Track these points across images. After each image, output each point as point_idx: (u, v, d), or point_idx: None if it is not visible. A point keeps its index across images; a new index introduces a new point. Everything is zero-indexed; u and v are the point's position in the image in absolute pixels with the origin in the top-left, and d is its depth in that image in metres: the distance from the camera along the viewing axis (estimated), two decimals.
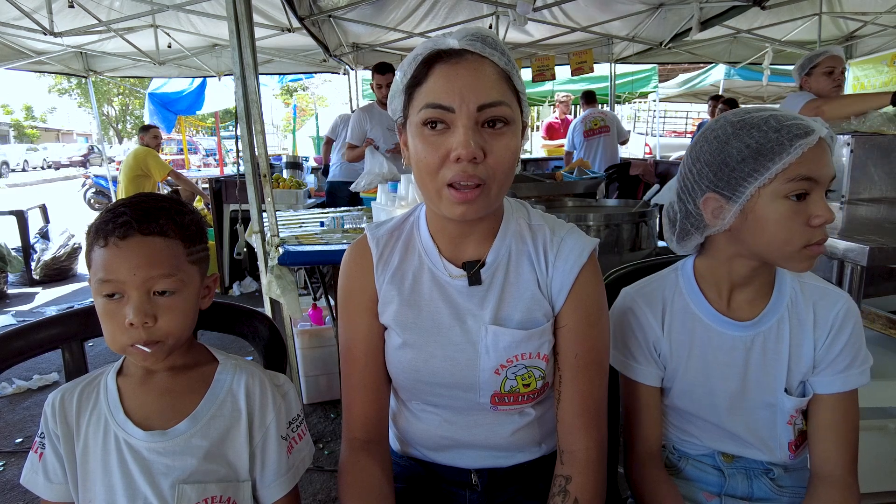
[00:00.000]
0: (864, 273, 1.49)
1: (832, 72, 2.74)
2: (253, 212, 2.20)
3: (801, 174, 0.81)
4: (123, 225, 0.76)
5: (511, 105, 0.80)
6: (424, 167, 0.79)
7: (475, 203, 0.79)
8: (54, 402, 0.83)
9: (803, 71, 2.80)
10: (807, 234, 0.82)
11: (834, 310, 0.91)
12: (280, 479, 0.86)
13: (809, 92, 2.77)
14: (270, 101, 21.51)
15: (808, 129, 0.81)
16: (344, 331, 0.95)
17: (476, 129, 0.77)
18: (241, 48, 2.06)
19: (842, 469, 0.90)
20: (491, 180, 0.79)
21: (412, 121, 0.81)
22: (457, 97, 0.76)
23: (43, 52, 5.57)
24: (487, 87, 0.77)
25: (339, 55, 5.78)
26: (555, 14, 5.14)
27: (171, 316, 0.78)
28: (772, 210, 0.83)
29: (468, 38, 0.79)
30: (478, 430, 0.95)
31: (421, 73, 0.80)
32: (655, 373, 0.99)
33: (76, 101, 24.32)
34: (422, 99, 0.79)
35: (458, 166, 0.77)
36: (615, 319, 1.01)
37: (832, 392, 0.91)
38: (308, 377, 2.74)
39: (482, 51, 0.78)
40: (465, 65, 0.78)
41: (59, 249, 5.44)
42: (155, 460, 0.80)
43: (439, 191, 0.80)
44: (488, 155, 0.78)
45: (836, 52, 2.80)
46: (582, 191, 3.25)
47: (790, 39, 5.64)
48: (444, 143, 0.78)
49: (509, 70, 0.80)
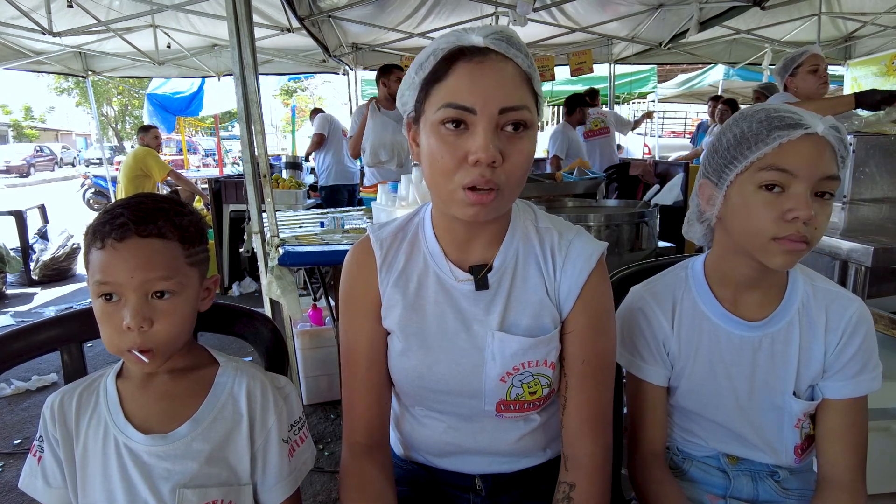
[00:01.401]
0: (867, 274, 1.49)
1: (817, 69, 2.73)
2: (253, 212, 2.20)
3: (775, 164, 0.81)
4: (121, 226, 0.75)
5: (531, 109, 0.77)
6: (439, 168, 0.77)
7: (489, 206, 0.77)
8: (53, 405, 0.82)
9: (787, 72, 2.79)
10: (776, 227, 0.81)
11: (847, 314, 0.90)
12: (282, 483, 0.85)
13: (794, 94, 2.76)
14: (270, 102, 21.53)
15: (794, 122, 0.80)
16: (345, 334, 0.93)
17: (496, 132, 0.74)
18: (241, 48, 2.05)
19: (850, 474, 0.89)
20: (506, 185, 0.76)
21: (428, 118, 0.78)
22: (480, 98, 0.73)
23: (41, 51, 5.56)
24: (510, 90, 0.75)
25: (339, 55, 5.77)
26: (554, 14, 5.14)
27: (169, 319, 0.77)
28: (743, 197, 0.84)
29: (493, 36, 0.76)
30: (482, 436, 0.94)
31: (441, 69, 0.76)
32: (663, 372, 0.98)
33: (75, 101, 24.27)
34: (441, 97, 0.75)
35: (475, 170, 0.74)
36: (623, 317, 1.00)
37: (842, 397, 0.90)
38: (308, 378, 2.73)
39: (507, 51, 0.75)
40: (490, 65, 0.74)
41: (58, 250, 5.43)
42: (155, 464, 0.79)
43: (453, 192, 0.77)
44: (506, 159, 0.75)
45: (815, 49, 2.80)
46: (582, 191, 3.25)
47: (789, 40, 5.64)
48: (462, 144, 0.75)
49: (531, 73, 0.78)
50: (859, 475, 0.90)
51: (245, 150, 2.14)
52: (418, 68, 0.79)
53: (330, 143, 5.26)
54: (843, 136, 0.82)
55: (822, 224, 0.82)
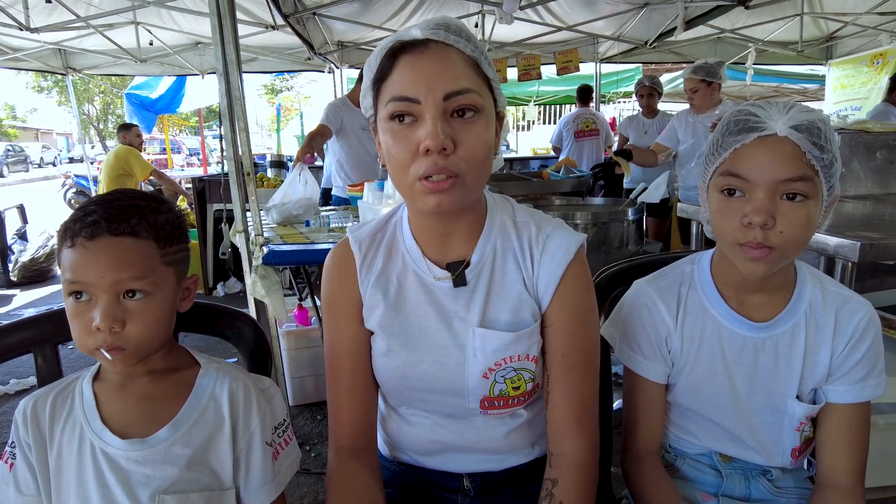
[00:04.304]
0: (854, 269, 1.49)
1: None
2: (237, 211, 2.16)
3: (730, 170, 0.81)
4: (91, 224, 0.72)
5: (481, 92, 0.77)
6: (396, 163, 0.77)
7: (448, 193, 0.76)
8: (25, 410, 0.78)
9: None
10: (738, 233, 0.81)
11: (856, 318, 0.88)
12: (266, 487, 0.83)
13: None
14: (255, 101, 21.35)
15: (749, 126, 0.79)
16: (329, 336, 0.92)
17: (445, 119, 0.74)
18: (224, 44, 2.02)
19: (850, 479, 0.88)
20: (464, 172, 0.76)
21: (381, 116, 0.78)
22: (422, 87, 0.74)
23: (19, 48, 5.43)
24: (454, 76, 0.75)
25: (325, 53, 5.73)
26: (540, 13, 5.15)
27: (142, 320, 0.74)
28: (714, 202, 0.86)
29: (431, 27, 0.76)
30: (469, 433, 0.93)
31: (386, 66, 0.77)
32: (663, 370, 0.97)
33: (55, 100, 23.83)
34: (388, 93, 0.76)
35: (428, 159, 0.74)
36: (626, 312, 0.99)
37: (846, 402, 0.89)
38: (294, 379, 2.70)
39: (446, 38, 0.76)
40: (430, 54, 0.75)
41: (37, 251, 5.33)
42: (133, 470, 0.76)
43: (412, 185, 0.77)
44: (459, 146, 0.75)
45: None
46: (569, 189, 3.26)
47: (773, 39, 5.71)
48: (412, 136, 0.75)
49: (477, 57, 0.78)
50: (859, 480, 0.89)
51: (229, 149, 2.11)
52: (368, 70, 0.80)
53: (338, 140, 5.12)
54: (815, 133, 0.77)
55: (791, 228, 0.78)
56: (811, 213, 0.79)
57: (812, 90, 8.37)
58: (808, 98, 8.49)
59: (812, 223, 0.80)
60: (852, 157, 2.09)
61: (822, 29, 5.80)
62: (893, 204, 2.16)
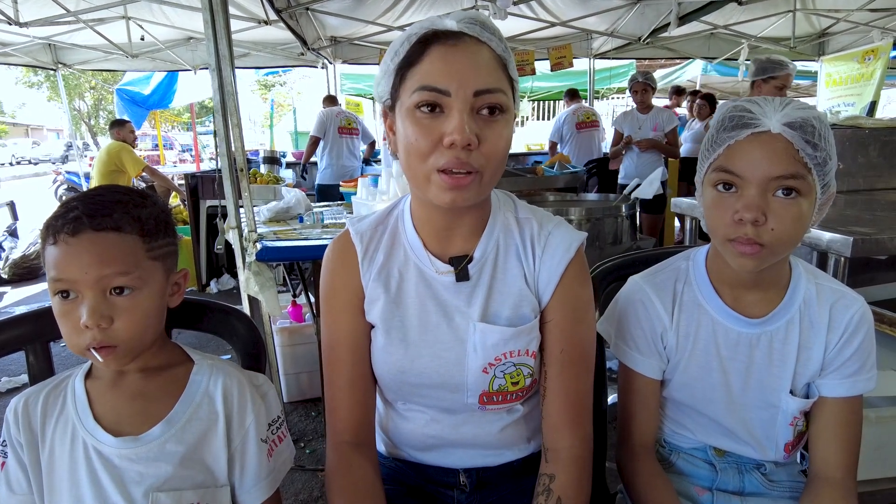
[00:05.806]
0: (846, 264, 1.50)
1: (783, 87, 2.71)
2: (230, 207, 2.15)
3: (723, 166, 0.81)
4: (74, 220, 0.71)
5: (507, 93, 0.77)
6: (415, 151, 0.76)
7: (466, 190, 0.76)
8: (17, 408, 0.78)
9: (759, 76, 2.76)
10: (728, 229, 0.81)
11: (849, 313, 0.88)
12: (260, 484, 0.83)
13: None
14: (248, 96, 21.21)
15: (743, 123, 0.79)
16: (327, 330, 0.91)
17: (471, 115, 0.74)
18: (217, 39, 2.00)
19: (842, 472, 0.89)
20: (484, 169, 0.76)
21: (403, 103, 0.77)
22: (454, 81, 0.73)
23: (8, 43, 5.38)
24: (485, 73, 0.74)
25: (318, 49, 5.70)
26: (534, 8, 5.14)
27: (130, 315, 0.73)
28: (707, 197, 0.86)
29: (467, 20, 0.76)
30: (465, 427, 0.93)
31: (415, 53, 0.76)
32: (658, 365, 0.97)
33: (45, 95, 23.54)
34: (416, 80, 0.75)
35: (450, 152, 0.73)
36: (621, 308, 0.99)
37: (838, 396, 0.89)
38: (288, 375, 2.70)
39: (480, 35, 0.75)
40: (464, 48, 0.74)
41: (28, 248, 5.28)
42: (127, 468, 0.75)
43: (428, 176, 0.76)
44: (482, 143, 0.74)
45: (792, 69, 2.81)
46: (562, 185, 3.25)
47: (765, 35, 5.75)
48: (437, 127, 0.74)
49: (506, 57, 0.78)
50: (851, 473, 0.89)
51: (222, 144, 2.09)
52: (393, 55, 0.78)
53: (328, 141, 5.13)
54: (810, 130, 0.77)
55: (782, 225, 0.78)
56: (803, 210, 0.79)
57: (804, 86, 8.43)
58: (800, 94, 8.54)
59: (804, 220, 0.80)
60: (844, 152, 2.10)
61: (814, 25, 5.84)
62: (885, 199, 2.17)
